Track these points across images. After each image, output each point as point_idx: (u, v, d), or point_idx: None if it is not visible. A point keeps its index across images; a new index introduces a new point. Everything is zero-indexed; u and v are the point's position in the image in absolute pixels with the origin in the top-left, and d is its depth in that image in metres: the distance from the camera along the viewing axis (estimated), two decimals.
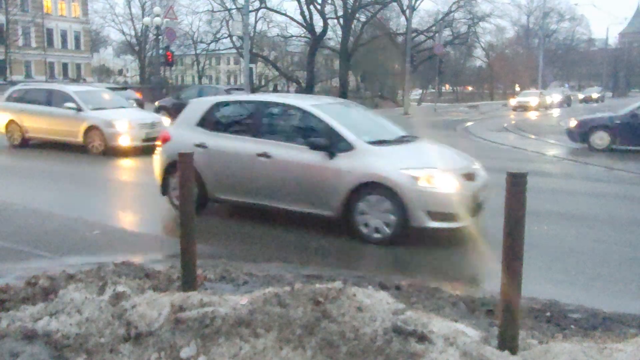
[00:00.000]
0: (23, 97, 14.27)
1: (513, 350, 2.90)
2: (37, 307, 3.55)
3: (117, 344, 3.06)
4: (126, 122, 12.76)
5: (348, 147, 6.04)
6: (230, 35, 47.54)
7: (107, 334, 3.14)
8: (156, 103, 23.71)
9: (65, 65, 67.98)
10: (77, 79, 55.55)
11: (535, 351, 2.93)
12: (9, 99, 14.43)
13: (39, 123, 13.54)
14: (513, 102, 41.36)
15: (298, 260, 5.38)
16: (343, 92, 44.24)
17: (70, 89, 14.12)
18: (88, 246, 5.89)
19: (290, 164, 6.26)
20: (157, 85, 36.08)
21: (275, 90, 49.80)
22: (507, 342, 2.93)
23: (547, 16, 70.22)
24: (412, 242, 5.86)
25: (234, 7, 43.11)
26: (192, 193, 3.73)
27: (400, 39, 49.24)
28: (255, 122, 6.84)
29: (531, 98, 40.17)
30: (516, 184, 2.92)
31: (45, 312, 3.45)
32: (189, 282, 3.75)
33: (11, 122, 13.93)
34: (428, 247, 5.93)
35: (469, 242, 5.75)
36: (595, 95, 57.07)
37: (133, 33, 60.51)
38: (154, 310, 3.24)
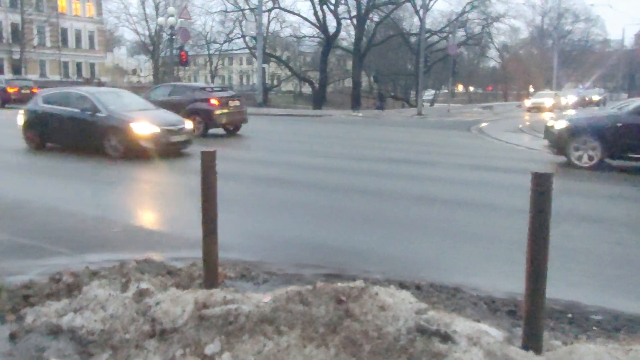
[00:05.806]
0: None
1: (537, 351, 2.90)
2: (61, 303, 3.60)
3: (142, 340, 3.10)
4: None
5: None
6: (243, 36, 47.83)
7: (132, 330, 3.18)
8: None
9: (79, 65, 68.49)
10: (91, 79, 55.78)
11: (559, 352, 2.92)
12: None
13: None
14: (527, 103, 40.99)
15: None
16: (356, 93, 44.24)
17: None
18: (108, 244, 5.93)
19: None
20: None
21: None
22: (532, 343, 2.93)
23: (562, 17, 69.66)
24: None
25: (247, 7, 43.33)
26: (215, 191, 3.75)
27: (413, 39, 49.20)
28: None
29: (546, 99, 39.77)
30: (541, 184, 2.91)
31: (70, 308, 3.50)
32: (211, 279, 3.78)
33: None
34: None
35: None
36: (596, 98, 48.40)
37: (147, 33, 60.92)
38: (177, 307, 3.27)
